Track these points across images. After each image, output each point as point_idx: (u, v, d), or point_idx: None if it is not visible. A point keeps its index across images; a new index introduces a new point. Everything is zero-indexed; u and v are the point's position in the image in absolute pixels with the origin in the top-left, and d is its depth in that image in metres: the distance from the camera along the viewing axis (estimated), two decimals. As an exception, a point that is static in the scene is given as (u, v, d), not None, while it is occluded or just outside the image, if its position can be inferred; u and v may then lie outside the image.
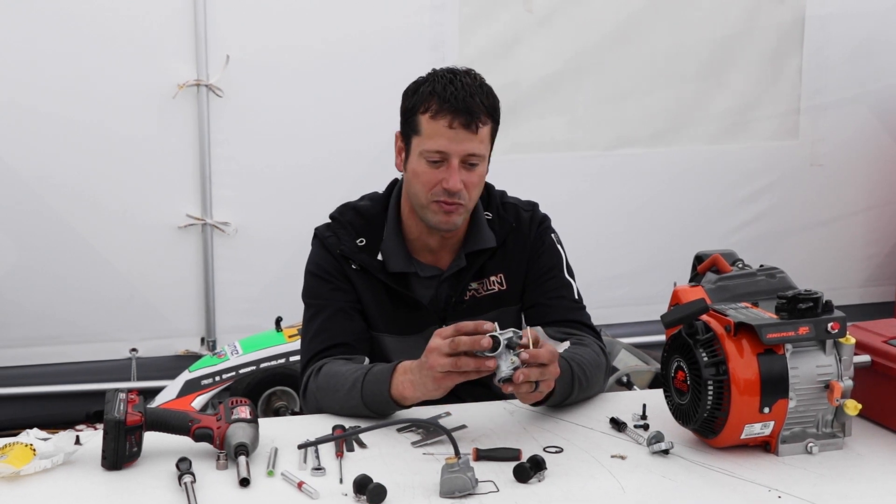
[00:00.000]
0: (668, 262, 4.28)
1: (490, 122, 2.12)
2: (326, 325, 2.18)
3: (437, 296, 2.21)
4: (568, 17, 4.32)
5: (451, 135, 2.08)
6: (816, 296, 1.81)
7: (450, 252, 2.23)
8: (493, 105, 2.14)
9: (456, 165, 2.09)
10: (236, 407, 1.85)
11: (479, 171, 2.13)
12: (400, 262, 2.19)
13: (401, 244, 2.21)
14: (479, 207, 2.24)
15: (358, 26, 4.10)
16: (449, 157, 2.09)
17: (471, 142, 2.08)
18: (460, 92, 2.08)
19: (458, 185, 2.09)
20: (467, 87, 2.09)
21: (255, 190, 4.15)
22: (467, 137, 2.08)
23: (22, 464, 1.74)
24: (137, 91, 3.97)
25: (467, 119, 2.07)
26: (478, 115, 2.08)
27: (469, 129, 2.08)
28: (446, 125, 2.07)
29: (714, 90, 4.54)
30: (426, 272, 2.21)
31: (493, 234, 2.23)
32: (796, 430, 1.84)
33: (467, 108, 2.07)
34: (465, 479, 1.67)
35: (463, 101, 2.07)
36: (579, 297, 2.28)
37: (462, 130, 2.07)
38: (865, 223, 4.84)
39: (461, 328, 1.84)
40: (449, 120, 2.07)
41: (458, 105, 2.06)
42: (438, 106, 2.08)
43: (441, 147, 2.08)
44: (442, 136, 2.08)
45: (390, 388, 1.95)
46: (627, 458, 1.83)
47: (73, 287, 4.07)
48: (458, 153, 2.08)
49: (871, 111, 4.70)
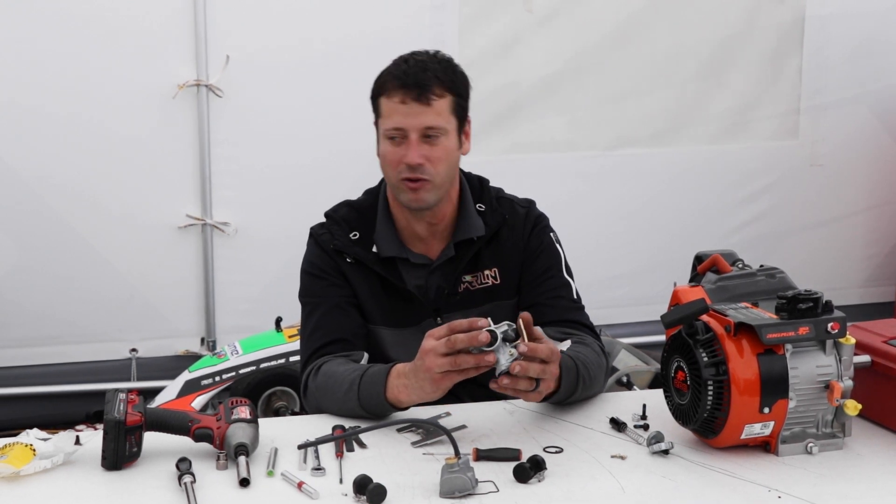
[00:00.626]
0: (667, 262, 4.28)
1: (449, 94, 2.13)
2: (323, 322, 2.18)
3: (428, 286, 2.22)
4: (568, 17, 4.33)
5: (405, 110, 2.10)
6: (816, 296, 1.81)
7: (440, 241, 2.23)
8: (451, 78, 2.14)
9: (414, 140, 2.11)
10: (236, 407, 1.85)
11: (442, 144, 2.13)
12: (391, 247, 2.21)
13: (392, 232, 2.22)
14: (467, 197, 2.25)
15: (358, 27, 4.10)
16: (407, 132, 2.11)
17: (425, 115, 2.10)
18: (412, 68, 2.11)
19: (415, 158, 2.10)
20: (420, 63, 2.12)
21: (255, 190, 4.16)
22: (421, 111, 2.10)
23: (22, 464, 1.74)
24: (137, 91, 3.97)
25: (418, 92, 2.09)
26: (429, 88, 2.10)
27: (421, 102, 2.10)
28: (399, 101, 2.10)
29: (714, 90, 4.54)
30: (417, 259, 2.22)
31: (482, 224, 2.23)
32: (796, 431, 1.84)
33: (417, 82, 2.09)
34: (465, 480, 1.67)
35: (413, 76, 2.10)
36: (578, 297, 2.28)
37: (415, 104, 2.10)
38: (865, 223, 4.84)
39: (455, 327, 1.84)
40: (401, 96, 2.10)
41: (409, 80, 2.10)
42: (392, 84, 2.11)
43: (397, 123, 2.11)
44: (397, 112, 2.11)
45: (386, 392, 1.95)
46: (627, 458, 1.83)
47: (74, 287, 4.07)
48: (415, 127, 2.10)
49: (871, 111, 4.71)
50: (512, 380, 1.82)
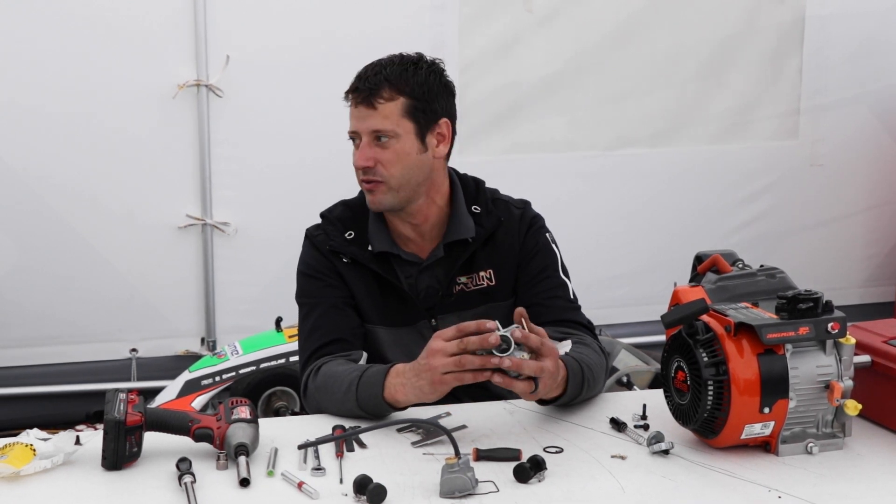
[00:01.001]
0: (668, 262, 4.28)
1: (401, 96, 2.12)
2: (320, 323, 2.18)
3: (419, 285, 2.22)
4: (568, 17, 4.33)
5: (356, 113, 2.14)
6: (816, 296, 1.81)
7: (429, 242, 2.24)
8: (406, 80, 2.13)
9: (364, 143, 2.14)
10: (236, 407, 1.85)
11: (393, 147, 2.13)
12: (383, 243, 2.21)
13: (384, 230, 2.23)
14: (460, 200, 2.24)
15: (358, 27, 4.09)
16: (360, 135, 2.15)
17: (372, 118, 2.12)
18: (367, 71, 2.15)
19: (360, 161, 2.14)
20: (378, 67, 2.15)
21: (255, 190, 4.16)
22: (368, 114, 2.13)
23: (22, 464, 1.74)
24: (138, 91, 3.97)
25: (365, 95, 2.12)
26: (376, 91, 2.11)
27: (368, 106, 2.12)
28: (353, 104, 2.15)
29: (714, 90, 4.54)
30: (407, 256, 2.22)
31: (472, 225, 2.22)
32: (796, 431, 1.84)
33: (366, 86, 2.12)
34: (466, 480, 1.67)
35: (365, 79, 2.13)
36: (574, 297, 2.28)
37: (363, 108, 2.13)
38: (865, 223, 4.84)
39: (464, 328, 1.84)
40: (353, 99, 2.15)
41: (359, 84, 2.14)
42: (350, 89, 2.16)
43: (351, 127, 2.16)
44: (351, 115, 2.16)
45: (383, 392, 1.95)
46: (627, 458, 1.83)
47: (74, 287, 4.07)
48: (364, 130, 2.14)
49: (871, 111, 4.71)
50: (507, 379, 1.82)
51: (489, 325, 1.82)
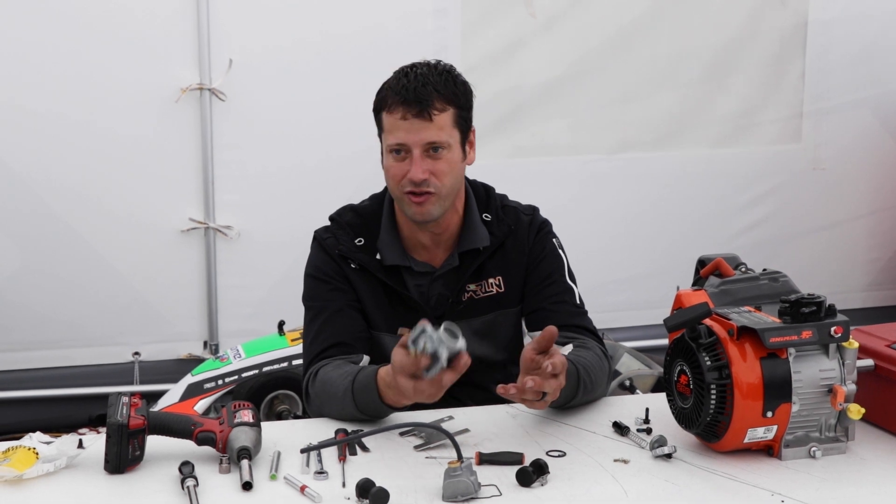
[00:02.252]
0: (670, 265, 4.28)
1: (450, 107, 2.12)
2: (325, 326, 2.18)
3: (430, 293, 2.22)
4: (570, 21, 4.33)
5: (407, 126, 2.10)
6: (819, 300, 1.81)
7: (444, 251, 2.24)
8: (452, 90, 2.13)
9: (418, 155, 2.10)
10: (239, 410, 1.85)
11: (446, 157, 2.12)
12: (394, 255, 2.21)
13: (396, 239, 2.22)
14: (473, 208, 2.25)
15: (360, 32, 4.09)
16: (409, 148, 2.11)
17: (427, 130, 2.10)
18: (412, 83, 2.10)
19: (418, 174, 2.10)
20: (420, 77, 2.11)
21: (257, 194, 4.16)
22: (423, 126, 2.10)
23: (25, 467, 1.74)
24: (140, 95, 3.97)
25: (419, 108, 2.09)
26: (430, 103, 2.09)
27: (423, 118, 2.09)
28: (401, 117, 2.10)
29: (717, 94, 4.54)
30: (420, 267, 2.22)
31: (487, 234, 2.23)
32: (799, 435, 1.84)
33: (418, 98, 2.09)
34: (468, 483, 1.67)
35: (414, 91, 2.09)
36: (581, 302, 2.28)
37: (416, 120, 2.10)
38: (868, 227, 4.83)
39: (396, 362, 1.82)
40: (402, 112, 2.10)
41: (409, 96, 2.09)
42: (392, 99, 2.11)
43: (400, 139, 2.11)
44: (399, 128, 2.11)
45: (382, 399, 1.95)
46: (630, 462, 1.83)
47: (76, 291, 4.08)
48: (417, 143, 2.10)
49: (874, 115, 4.70)
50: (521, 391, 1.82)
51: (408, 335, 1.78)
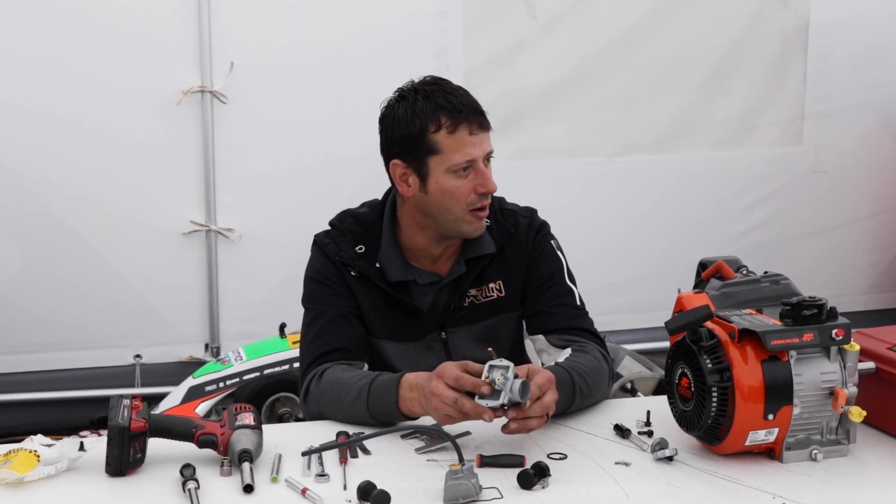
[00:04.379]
0: (672, 268, 4.28)
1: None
2: (325, 330, 2.18)
3: (437, 302, 2.21)
4: (572, 23, 4.33)
5: (475, 140, 2.11)
6: (821, 302, 1.81)
7: (449, 259, 2.23)
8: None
9: (483, 168, 2.12)
10: (240, 413, 1.85)
11: (490, 165, 2.16)
12: (398, 271, 2.20)
13: (397, 253, 2.21)
14: None
15: (362, 34, 4.10)
16: (475, 162, 2.11)
17: (487, 140, 2.14)
18: (462, 97, 2.11)
19: (492, 185, 2.13)
20: (461, 92, 2.13)
21: (259, 196, 4.16)
22: (485, 137, 2.14)
23: (26, 470, 1.74)
24: (142, 97, 3.98)
25: (481, 120, 2.12)
26: (484, 113, 2.13)
27: (485, 129, 2.13)
28: (468, 133, 2.10)
29: (718, 97, 4.54)
30: (425, 279, 2.21)
31: (492, 241, 2.23)
32: (801, 437, 1.83)
33: (476, 110, 2.11)
34: (469, 486, 1.67)
35: (470, 105, 2.11)
36: (581, 304, 2.27)
37: (481, 133, 2.12)
38: (870, 230, 4.83)
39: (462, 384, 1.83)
40: (469, 128, 2.10)
41: (469, 109, 2.10)
42: (453, 118, 2.09)
43: (471, 156, 2.11)
44: (467, 144, 2.10)
45: (399, 403, 1.95)
46: (631, 464, 1.83)
47: (78, 293, 4.08)
48: (482, 155, 2.13)
49: (875, 117, 4.70)
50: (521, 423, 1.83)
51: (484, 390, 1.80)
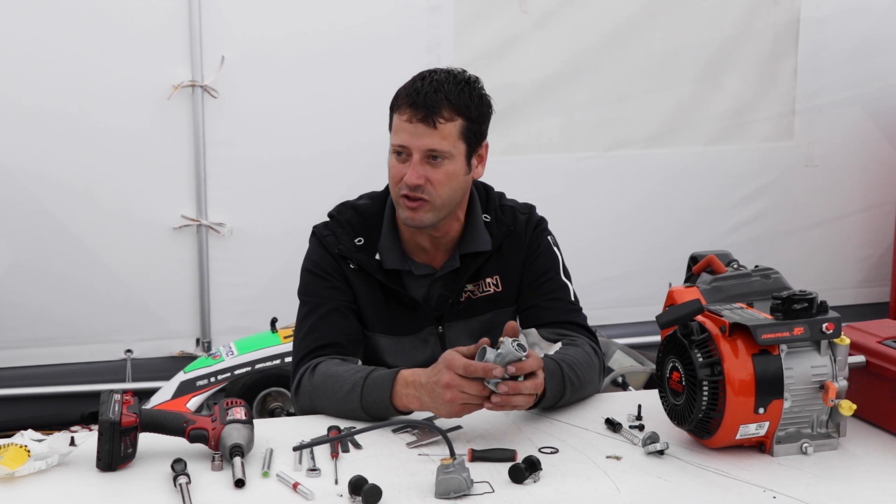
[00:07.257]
0: (663, 263, 4.29)
1: (460, 118, 2.11)
2: (320, 324, 2.18)
3: (430, 295, 2.21)
4: (564, 19, 4.33)
5: (411, 129, 2.09)
6: (811, 296, 1.82)
7: (444, 252, 2.23)
8: (466, 102, 2.11)
9: (417, 160, 2.10)
10: (231, 408, 1.85)
11: (445, 167, 2.11)
12: (394, 259, 2.20)
13: (396, 242, 2.21)
14: (476, 209, 2.24)
15: (353, 28, 4.09)
16: (410, 151, 2.10)
17: (430, 137, 2.09)
18: (426, 87, 2.09)
19: (413, 179, 2.09)
20: (436, 83, 2.10)
21: (250, 191, 4.15)
22: (426, 132, 2.09)
23: (16, 465, 1.74)
24: (133, 92, 3.96)
25: (425, 114, 2.08)
26: (436, 110, 2.08)
27: (427, 124, 2.08)
28: (406, 120, 2.09)
29: (710, 92, 4.54)
30: (420, 270, 2.21)
31: (489, 238, 2.22)
32: (791, 431, 1.84)
33: (426, 104, 2.08)
34: (461, 480, 1.67)
35: (424, 96, 2.08)
36: (576, 299, 2.28)
37: (420, 125, 2.09)
38: (860, 224, 4.85)
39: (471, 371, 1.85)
40: (409, 115, 2.09)
41: (418, 100, 2.08)
42: (402, 101, 2.11)
43: (401, 141, 2.11)
44: (403, 130, 2.10)
45: (392, 398, 1.95)
46: (623, 458, 1.83)
47: (69, 288, 4.07)
48: (418, 148, 2.09)
49: (866, 112, 4.71)
50: (505, 398, 1.83)
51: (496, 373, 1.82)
